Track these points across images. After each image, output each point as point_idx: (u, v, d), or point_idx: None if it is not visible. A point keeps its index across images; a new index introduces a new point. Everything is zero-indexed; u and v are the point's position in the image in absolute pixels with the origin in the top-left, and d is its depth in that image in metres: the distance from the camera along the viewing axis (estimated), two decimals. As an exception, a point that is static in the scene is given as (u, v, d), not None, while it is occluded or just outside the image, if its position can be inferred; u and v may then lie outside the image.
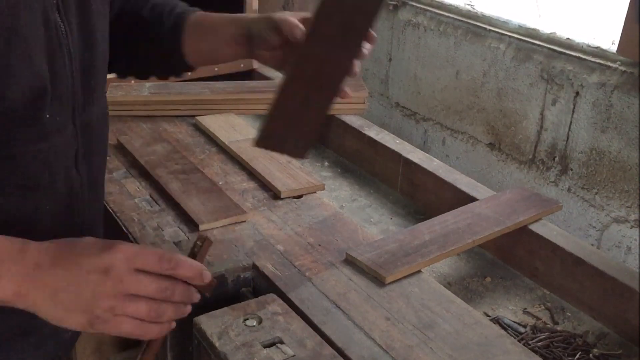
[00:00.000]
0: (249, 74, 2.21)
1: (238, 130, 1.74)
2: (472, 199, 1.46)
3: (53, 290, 0.84)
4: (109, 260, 0.85)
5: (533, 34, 1.72)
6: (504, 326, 1.26)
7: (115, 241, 0.87)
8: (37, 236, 0.89)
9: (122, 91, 1.87)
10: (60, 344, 1.11)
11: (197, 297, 0.91)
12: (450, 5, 1.95)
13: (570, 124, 1.63)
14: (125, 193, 1.44)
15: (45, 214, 0.98)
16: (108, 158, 1.49)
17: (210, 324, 1.04)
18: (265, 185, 1.50)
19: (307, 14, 1.09)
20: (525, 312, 1.32)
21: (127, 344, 1.82)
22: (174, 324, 0.91)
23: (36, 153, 0.93)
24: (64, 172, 0.99)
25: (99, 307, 0.84)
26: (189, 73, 1.31)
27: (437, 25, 1.95)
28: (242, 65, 2.18)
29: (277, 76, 2.16)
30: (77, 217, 1.04)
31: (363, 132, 1.77)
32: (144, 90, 1.88)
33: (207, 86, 1.95)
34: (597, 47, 1.59)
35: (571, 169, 1.65)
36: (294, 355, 0.99)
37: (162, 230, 1.31)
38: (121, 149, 1.63)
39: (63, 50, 0.94)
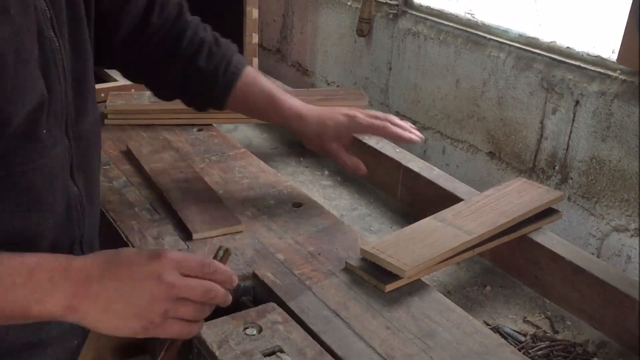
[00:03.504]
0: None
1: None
2: (472, 208, 1.46)
3: (106, 301, 0.88)
4: (160, 267, 0.90)
5: (533, 42, 1.73)
6: (504, 335, 1.26)
7: (157, 249, 0.95)
8: (41, 251, 0.90)
9: (122, 100, 1.87)
10: (67, 352, 1.11)
11: (230, 298, 0.96)
12: (450, 14, 1.95)
13: (571, 133, 1.64)
14: (125, 202, 1.44)
15: (47, 229, 0.98)
16: (108, 167, 1.50)
17: (210, 332, 1.04)
18: (265, 195, 1.50)
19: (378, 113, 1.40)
20: (525, 320, 1.32)
21: (127, 352, 1.82)
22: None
23: (36, 169, 0.94)
24: (62, 185, 1.00)
25: (154, 312, 0.89)
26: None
27: (437, 34, 1.95)
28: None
29: (277, 85, 2.17)
30: (77, 229, 1.04)
31: (363, 141, 1.77)
32: (144, 99, 1.89)
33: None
34: (597, 56, 1.59)
35: (571, 178, 1.65)
36: (294, 364, 0.99)
37: (162, 239, 1.31)
38: (125, 156, 1.63)
39: (57, 64, 0.95)
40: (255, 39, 2.16)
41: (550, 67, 1.67)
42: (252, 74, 1.41)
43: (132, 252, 0.94)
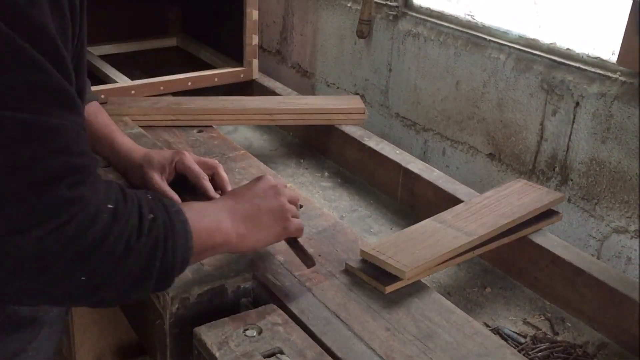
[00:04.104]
0: (249, 84, 2.21)
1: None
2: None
3: (253, 219, 1.10)
4: (269, 182, 1.16)
5: (533, 44, 1.73)
6: (504, 336, 1.26)
7: (255, 178, 1.18)
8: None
9: (121, 101, 1.87)
10: (56, 338, 1.12)
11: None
12: (451, 15, 1.95)
13: (571, 135, 1.64)
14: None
15: None
16: (108, 168, 1.50)
17: (210, 334, 1.04)
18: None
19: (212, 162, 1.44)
20: (525, 322, 1.32)
21: (127, 353, 1.82)
22: None
23: None
24: None
25: (284, 212, 1.14)
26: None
27: (437, 36, 1.95)
28: (242, 75, 2.19)
29: (277, 87, 2.17)
30: None
31: (363, 142, 1.77)
32: (144, 100, 1.89)
33: (207, 97, 1.96)
34: (597, 58, 1.59)
35: (571, 180, 1.65)
36: (294, 366, 0.99)
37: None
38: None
39: None
40: (255, 40, 2.17)
41: (550, 69, 1.67)
42: (94, 108, 1.46)
43: (237, 187, 1.19)
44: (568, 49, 1.66)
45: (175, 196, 1.33)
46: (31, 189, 0.79)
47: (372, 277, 1.20)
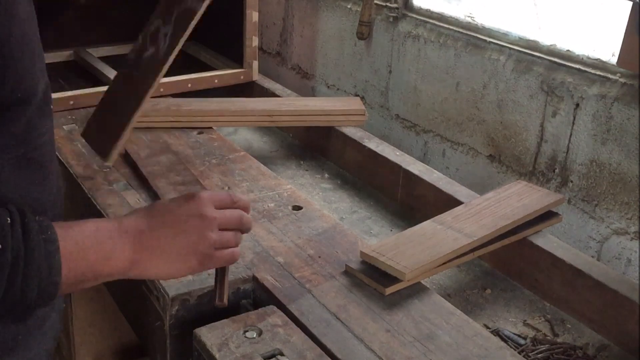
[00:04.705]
0: (249, 86, 2.21)
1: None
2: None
3: (162, 248, 0.96)
4: (198, 205, 0.99)
5: (533, 45, 1.73)
6: (504, 338, 1.26)
7: (188, 193, 1.03)
8: (52, 218, 0.93)
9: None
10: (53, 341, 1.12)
11: (251, 224, 1.06)
12: (451, 17, 1.95)
13: (571, 136, 1.64)
14: (125, 205, 1.44)
15: (50, 200, 1.01)
16: (108, 170, 1.50)
17: (210, 335, 1.04)
18: (265, 198, 1.50)
19: None
20: (525, 324, 1.32)
21: (127, 355, 1.82)
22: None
23: (46, 144, 0.97)
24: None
25: (205, 245, 0.98)
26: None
27: (437, 37, 1.95)
28: (242, 77, 2.19)
29: (277, 88, 2.17)
30: (59, 196, 1.06)
31: (363, 143, 1.77)
32: (144, 102, 1.89)
33: (208, 99, 1.96)
34: (597, 59, 1.59)
35: (571, 181, 1.65)
36: (294, 367, 0.99)
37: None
38: (124, 159, 1.63)
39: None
40: (255, 42, 2.17)
41: (550, 70, 1.67)
42: None
43: (166, 201, 1.03)
44: (568, 50, 1.66)
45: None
46: None
47: (372, 279, 1.20)
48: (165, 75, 2.08)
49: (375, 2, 2.12)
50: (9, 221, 0.84)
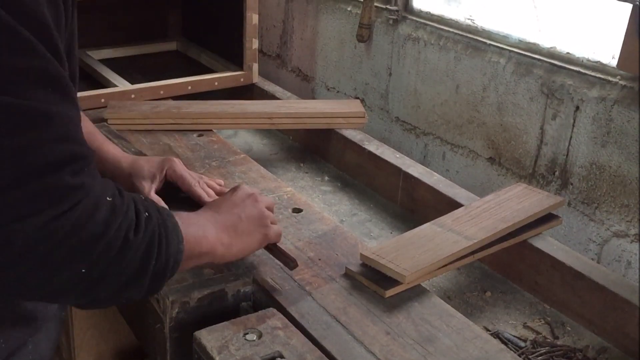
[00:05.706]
0: (250, 88, 2.22)
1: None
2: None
3: (235, 227, 1.12)
4: (245, 190, 1.19)
5: (533, 48, 1.73)
6: (504, 340, 1.26)
7: (233, 187, 1.22)
8: None
9: (122, 105, 1.88)
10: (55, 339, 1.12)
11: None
12: (451, 19, 1.95)
13: (571, 139, 1.64)
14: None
15: None
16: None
17: (210, 338, 1.04)
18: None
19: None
20: (525, 326, 1.32)
21: (126, 357, 1.82)
22: None
23: None
24: None
25: (264, 221, 1.17)
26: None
27: (437, 40, 1.95)
28: (242, 79, 2.19)
29: (277, 90, 2.17)
30: None
31: (363, 146, 1.77)
32: (144, 104, 1.89)
33: (208, 101, 1.96)
34: (597, 62, 1.60)
35: (571, 184, 1.65)
36: (294, 370, 0.99)
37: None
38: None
39: None
40: (255, 44, 2.17)
41: (550, 73, 1.67)
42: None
43: (216, 199, 1.22)
44: (568, 53, 1.66)
45: (164, 206, 1.32)
46: (34, 175, 0.79)
47: (372, 281, 1.20)
48: (166, 78, 2.11)
49: (375, 4, 2.12)
50: (142, 197, 0.96)
